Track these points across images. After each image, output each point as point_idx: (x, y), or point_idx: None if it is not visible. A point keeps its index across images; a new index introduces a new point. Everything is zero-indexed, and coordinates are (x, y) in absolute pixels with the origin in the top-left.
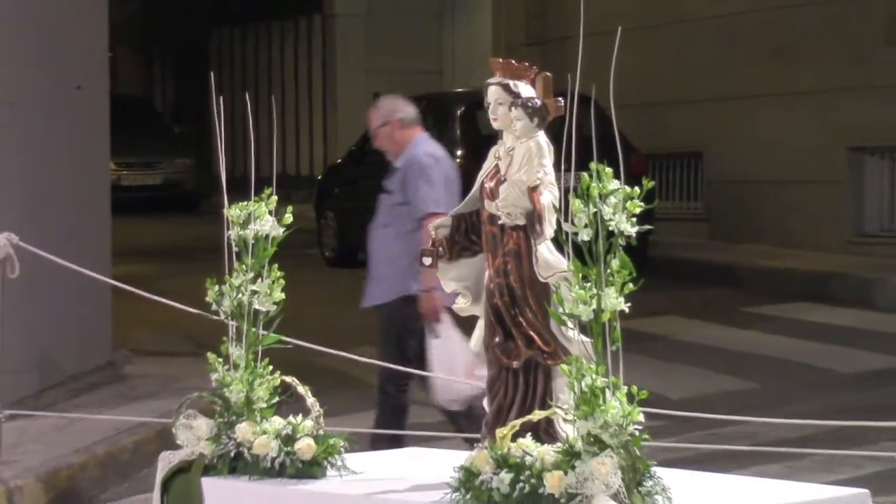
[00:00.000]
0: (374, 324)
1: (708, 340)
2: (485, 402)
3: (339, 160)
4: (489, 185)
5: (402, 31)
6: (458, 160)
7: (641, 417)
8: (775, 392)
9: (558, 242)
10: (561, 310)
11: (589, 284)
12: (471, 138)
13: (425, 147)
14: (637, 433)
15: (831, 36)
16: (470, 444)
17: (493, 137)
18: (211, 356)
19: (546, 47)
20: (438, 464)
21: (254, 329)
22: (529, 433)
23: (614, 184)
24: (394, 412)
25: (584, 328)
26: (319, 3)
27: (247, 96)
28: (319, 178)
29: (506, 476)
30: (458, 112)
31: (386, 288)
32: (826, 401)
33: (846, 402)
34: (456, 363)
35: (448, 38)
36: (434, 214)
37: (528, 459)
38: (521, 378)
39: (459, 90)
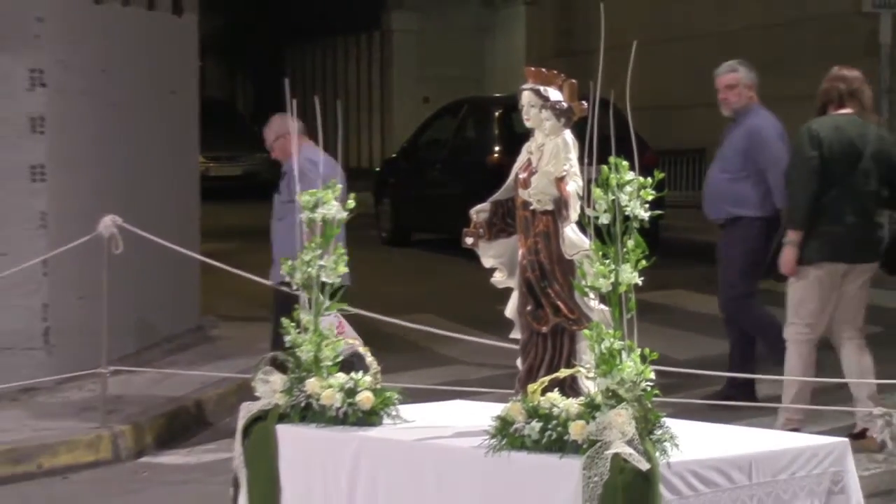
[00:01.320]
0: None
1: (711, 310)
2: (518, 362)
3: (394, 155)
4: (523, 175)
5: (448, 44)
6: (495, 155)
7: (652, 375)
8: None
9: (582, 225)
10: (584, 283)
11: (608, 261)
12: (507, 136)
13: (306, 153)
14: (649, 389)
15: (819, 48)
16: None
17: (526, 135)
18: (285, 321)
19: (572, 58)
20: (479, 414)
21: (321, 298)
22: (556, 388)
23: (629, 175)
24: None
25: (603, 298)
26: (378, 21)
27: (316, 100)
28: (377, 170)
29: (536, 425)
30: (496, 114)
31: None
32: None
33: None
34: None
35: (488, 50)
36: None
37: (555, 410)
38: (550, 341)
39: (497, 95)
